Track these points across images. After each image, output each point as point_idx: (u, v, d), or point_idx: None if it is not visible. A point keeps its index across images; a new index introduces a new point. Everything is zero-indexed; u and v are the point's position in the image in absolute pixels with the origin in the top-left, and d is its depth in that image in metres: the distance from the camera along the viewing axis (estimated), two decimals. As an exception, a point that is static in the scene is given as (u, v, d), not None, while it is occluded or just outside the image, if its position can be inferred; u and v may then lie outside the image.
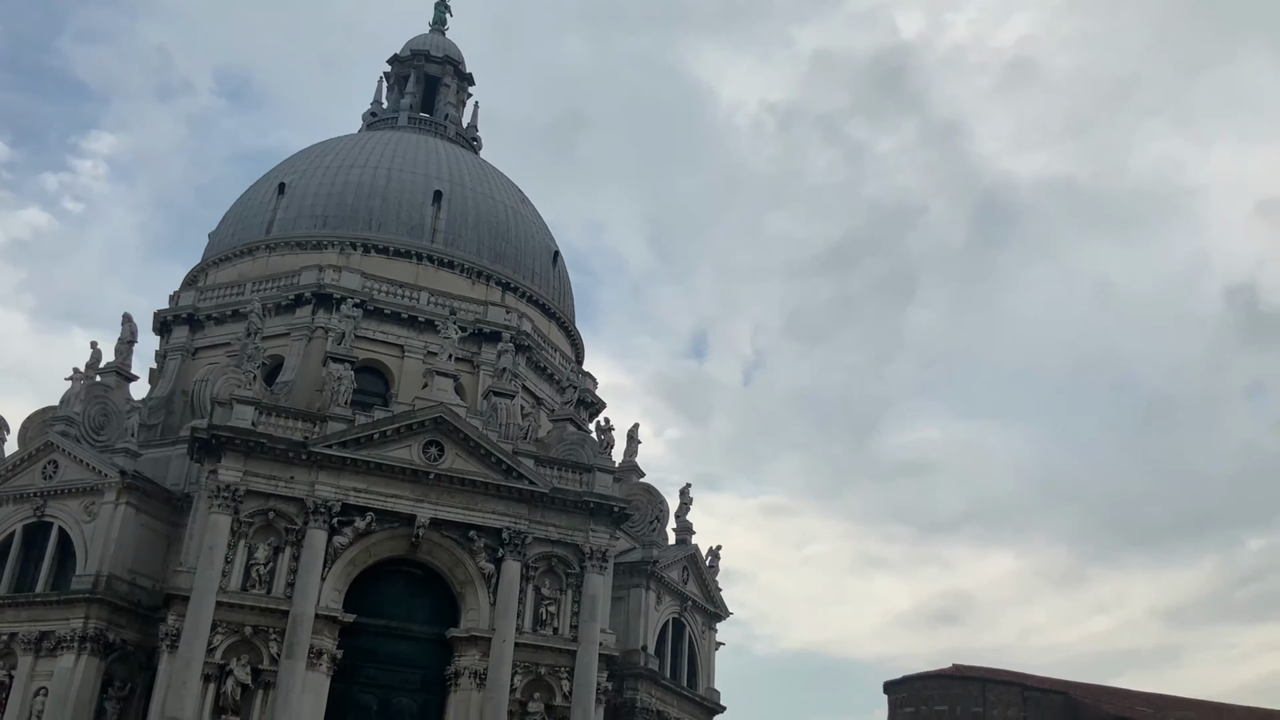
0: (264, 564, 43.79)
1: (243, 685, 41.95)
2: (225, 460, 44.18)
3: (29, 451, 48.38)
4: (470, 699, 44.86)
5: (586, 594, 47.60)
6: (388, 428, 46.69)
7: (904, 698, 73.77)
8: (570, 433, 56.68)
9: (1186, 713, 73.19)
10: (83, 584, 44.42)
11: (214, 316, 59.85)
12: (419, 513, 45.94)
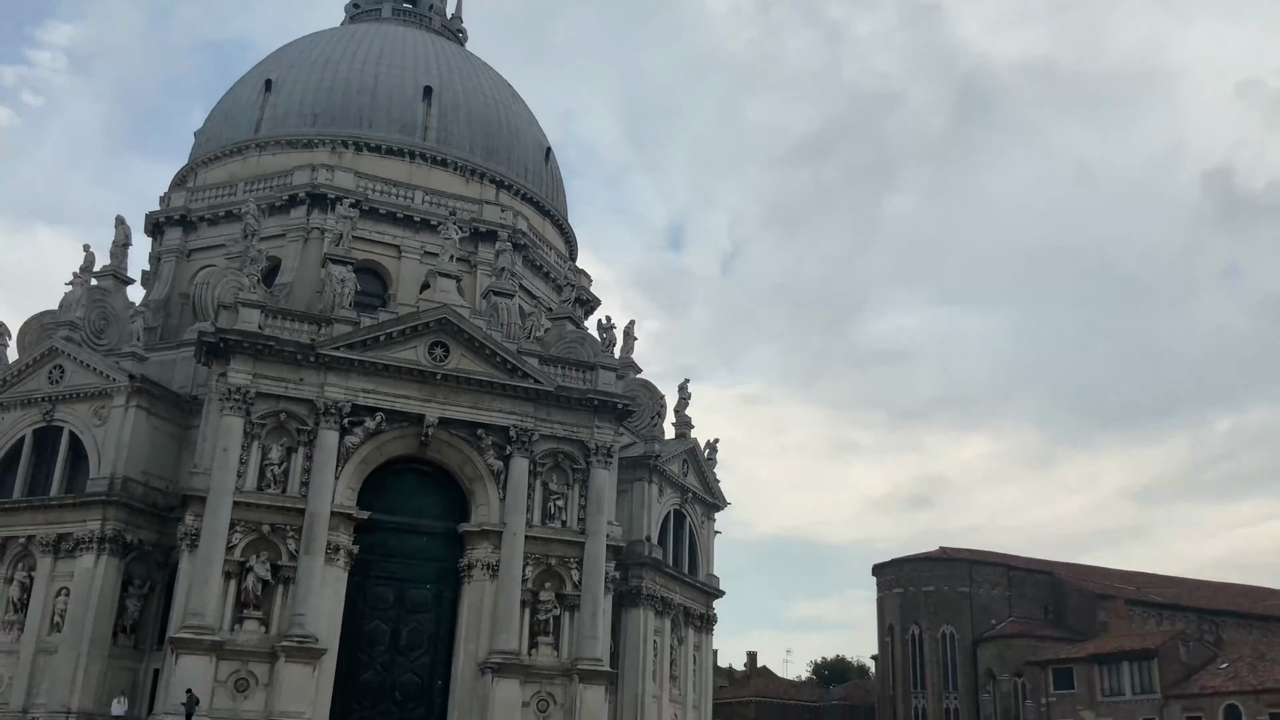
0: (278, 464, 44.48)
1: (263, 581, 42.98)
2: (234, 363, 44.47)
3: (34, 357, 48.51)
4: (484, 589, 46.21)
5: (593, 489, 48.69)
6: (393, 329, 46.99)
7: (892, 579, 76.16)
8: (570, 331, 57.24)
9: (1167, 589, 76.12)
10: (98, 486, 45.06)
11: (207, 218, 59.58)
12: (427, 412, 46.60)
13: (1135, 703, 58.88)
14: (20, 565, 45.91)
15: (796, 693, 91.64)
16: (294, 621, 42.49)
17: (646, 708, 50.99)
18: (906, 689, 72.30)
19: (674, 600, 55.09)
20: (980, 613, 72.10)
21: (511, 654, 45.16)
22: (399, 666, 45.81)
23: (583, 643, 46.56)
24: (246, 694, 41.45)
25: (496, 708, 44.17)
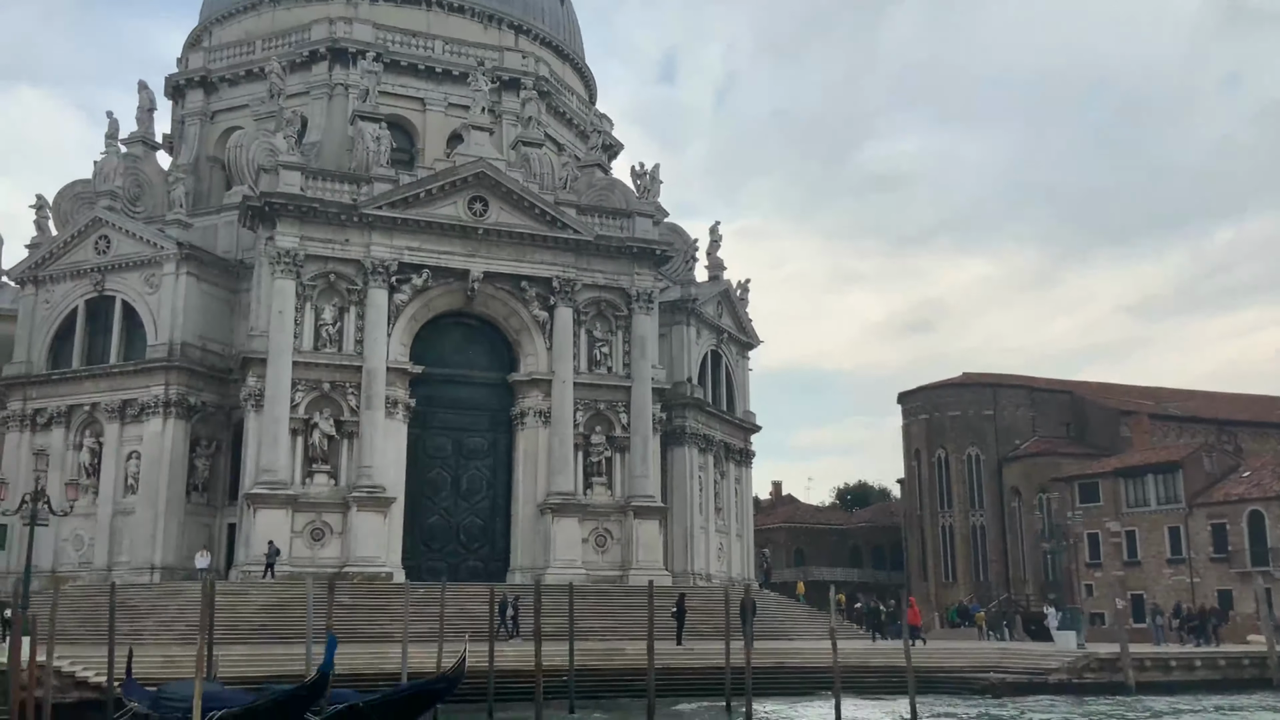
0: (332, 324, 45.54)
1: (328, 436, 44.63)
2: (280, 226, 45.01)
3: (78, 228, 48.96)
4: (537, 435, 47.90)
5: (636, 334, 49.83)
6: (432, 185, 47.28)
7: (918, 406, 78.08)
8: (599, 178, 57.36)
9: (1186, 402, 78.10)
10: (158, 353, 46.22)
11: (227, 78, 58.96)
12: (471, 267, 47.34)
13: (1160, 512, 61.35)
14: (87, 432, 47.47)
15: (823, 517, 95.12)
16: (361, 473, 44.33)
17: (695, 539, 53.35)
18: (934, 509, 75.17)
19: (715, 437, 56.92)
20: (1004, 434, 74.34)
21: (568, 494, 47.17)
22: (461, 510, 47.91)
23: (634, 481, 48.51)
24: (323, 542, 43.64)
25: (558, 544, 46.43)
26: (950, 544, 74.85)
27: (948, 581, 73.93)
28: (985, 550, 73.59)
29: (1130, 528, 63.14)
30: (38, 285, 49.52)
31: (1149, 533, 62.22)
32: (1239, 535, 57.71)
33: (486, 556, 47.76)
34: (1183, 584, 59.34)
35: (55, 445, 47.43)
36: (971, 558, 73.90)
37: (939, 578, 74.58)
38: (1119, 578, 62.97)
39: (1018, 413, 75.70)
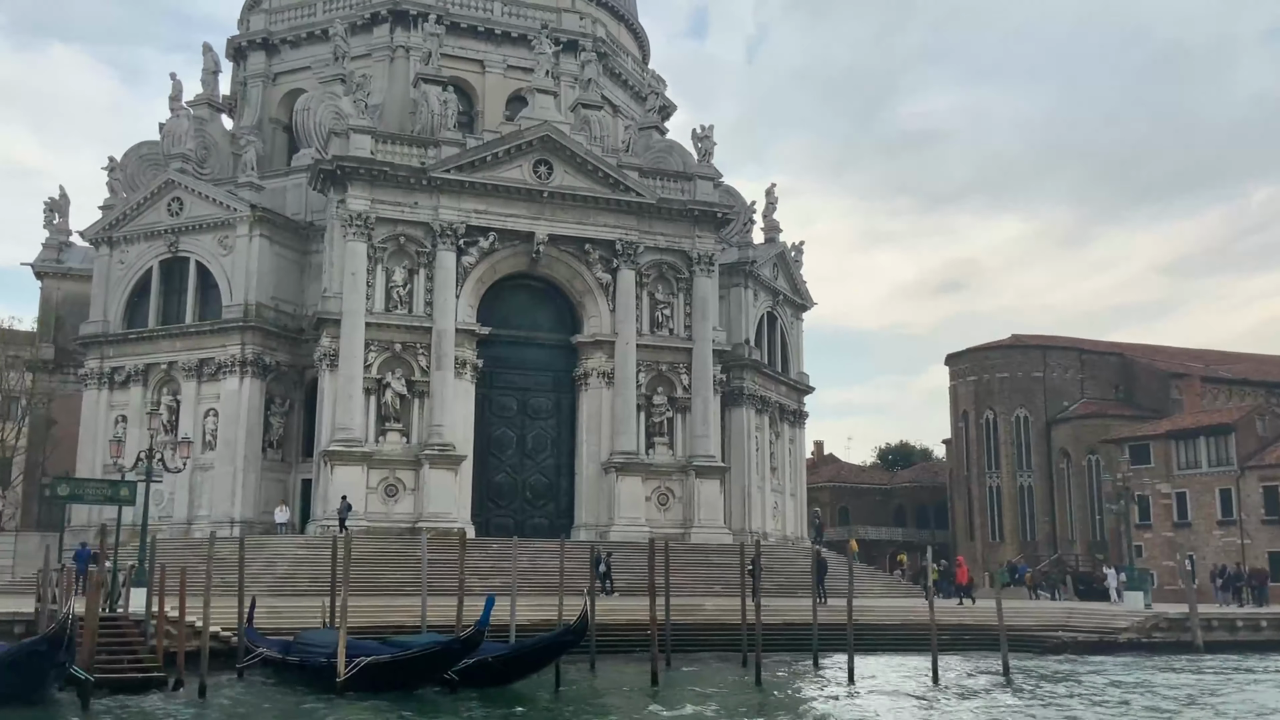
0: (402, 286, 46.47)
1: (400, 396, 45.73)
2: (352, 190, 45.86)
3: (151, 190, 49.97)
4: (601, 396, 48.82)
5: (697, 296, 50.50)
6: (498, 149, 47.92)
7: (965, 368, 78.30)
8: (657, 140, 57.77)
9: (1234, 365, 77.97)
10: (233, 313, 47.32)
11: (289, 40, 59.62)
12: (536, 230, 48.07)
13: (1212, 475, 61.65)
14: (165, 390, 48.76)
15: (866, 477, 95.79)
16: (433, 431, 45.44)
17: (752, 497, 54.27)
18: (981, 469, 75.70)
19: (770, 398, 57.65)
20: (1053, 395, 74.54)
21: (632, 454, 48.13)
22: (526, 468, 49.02)
23: (695, 441, 49.40)
24: (396, 498, 44.86)
25: (623, 502, 47.49)
26: (997, 504, 75.43)
27: (995, 541, 74.58)
28: (1033, 511, 74.13)
29: (1181, 489, 63.52)
30: (112, 246, 50.65)
31: (1200, 494, 62.59)
32: (1291, 498, 58.08)
33: (551, 513, 48.87)
34: (1233, 545, 59.76)
35: (134, 403, 48.78)
36: (1019, 518, 74.48)
37: (986, 538, 75.24)
38: (1169, 539, 63.46)
39: (1066, 374, 75.86)
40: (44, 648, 19.16)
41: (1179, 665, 29.64)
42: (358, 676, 21.15)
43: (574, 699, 22.48)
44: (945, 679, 25.90)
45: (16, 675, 19.26)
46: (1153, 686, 25.54)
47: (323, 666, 21.94)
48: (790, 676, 26.57)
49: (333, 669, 21.24)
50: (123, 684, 21.34)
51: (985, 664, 28.84)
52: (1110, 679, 27.00)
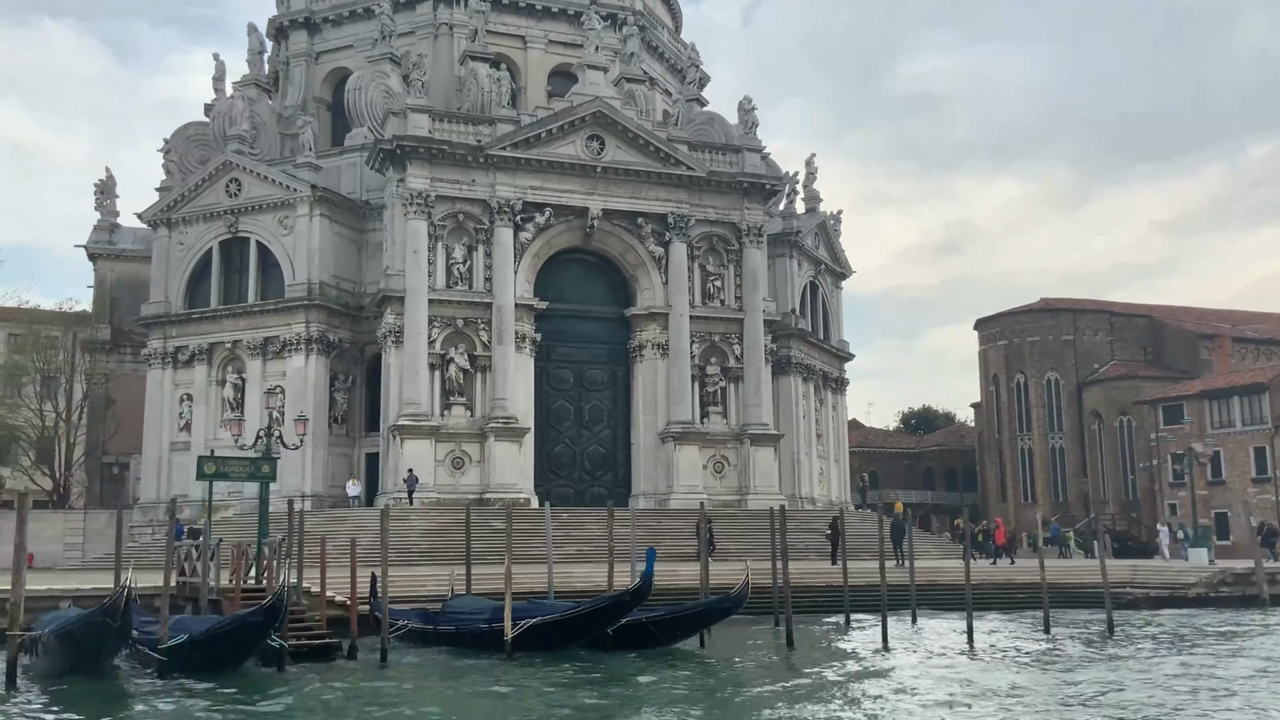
0: (462, 262, 47.35)
1: (463, 370, 46.71)
2: (411, 168, 46.61)
3: (209, 171, 50.70)
4: (656, 367, 49.80)
5: (747, 268, 51.35)
6: (552, 125, 48.61)
7: (995, 332, 79.25)
8: (698, 113, 58.24)
9: (1261, 325, 78.95)
10: (297, 292, 48.19)
11: (331, 19, 60.15)
12: (590, 204, 48.87)
13: (1245, 433, 62.74)
14: (229, 368, 49.73)
15: (893, 441, 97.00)
16: (496, 405, 46.46)
17: (801, 464, 55.38)
18: (1012, 433, 76.82)
19: (815, 366, 58.63)
20: (1083, 358, 75.46)
21: (688, 423, 49.18)
22: (584, 439, 50.09)
23: (748, 410, 50.42)
24: (463, 471, 45.93)
25: (681, 470, 48.60)
26: (1030, 466, 76.61)
27: (1026, 502, 75.75)
28: (1065, 472, 75.30)
29: (1216, 448, 64.61)
30: (170, 227, 51.43)
31: (1234, 453, 63.71)
32: (1326, 455, 59.21)
33: (609, 482, 49.95)
34: (1268, 502, 60.87)
35: (198, 381, 49.77)
36: (1050, 479, 75.66)
37: (1018, 499, 76.45)
38: (1203, 497, 64.55)
39: (1096, 337, 76.80)
40: (260, 619, 20.20)
41: (1257, 618, 30.82)
42: (522, 637, 22.25)
43: (721, 658, 23.41)
44: (1055, 633, 27.04)
45: (229, 645, 20.31)
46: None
47: (483, 631, 23.08)
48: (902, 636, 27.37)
49: (494, 633, 22.40)
50: (308, 653, 22.32)
51: (1074, 617, 29.97)
52: (1220, 630, 28.17)
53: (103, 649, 20.26)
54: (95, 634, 19.67)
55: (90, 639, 19.81)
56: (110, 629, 19.43)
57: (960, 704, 17.67)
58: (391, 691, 19.12)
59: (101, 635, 19.64)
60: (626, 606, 23.15)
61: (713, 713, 17.47)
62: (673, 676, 20.70)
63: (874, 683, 20.12)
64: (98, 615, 19.71)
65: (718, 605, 24.65)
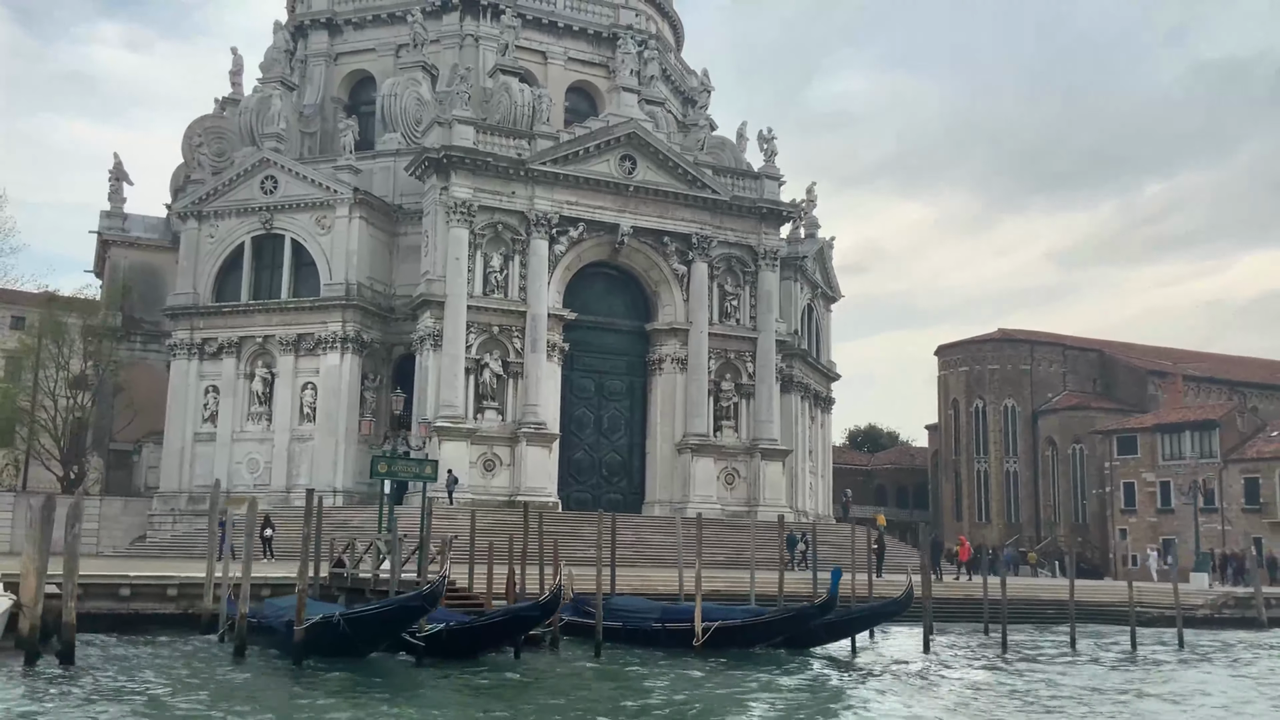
0: (499, 271, 48.96)
1: (497, 376, 48.32)
2: (455, 178, 48.08)
3: (244, 168, 51.37)
4: (675, 380, 51.99)
5: (762, 289, 53.89)
6: (589, 144, 50.53)
7: (957, 359, 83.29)
8: (709, 137, 60.69)
9: (1200, 364, 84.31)
10: (334, 291, 49.19)
11: (353, 21, 61.16)
12: (621, 221, 50.91)
13: (1195, 465, 67.36)
14: (259, 362, 50.45)
15: (846, 458, 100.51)
16: (527, 411, 48.15)
17: (800, 479, 58.09)
18: (970, 455, 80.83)
19: (811, 385, 61.44)
20: (1038, 386, 79.83)
21: (704, 436, 51.48)
22: (603, 447, 52.04)
23: (759, 426, 52.91)
24: (494, 473, 47.51)
25: (697, 480, 50.88)
26: (985, 488, 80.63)
27: (981, 522, 79.73)
28: (1018, 494, 79.48)
29: (1166, 479, 69.16)
30: (200, 220, 51.95)
31: (1184, 484, 68.22)
32: (1271, 489, 63.95)
33: (625, 489, 52.00)
34: (1214, 531, 65.50)
35: (226, 374, 50.39)
36: (1004, 501, 79.77)
37: (973, 518, 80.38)
38: (1153, 524, 69.13)
39: (1050, 368, 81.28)
40: (536, 613, 21.96)
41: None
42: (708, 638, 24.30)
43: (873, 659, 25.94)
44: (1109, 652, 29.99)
45: (492, 635, 22.00)
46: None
47: (656, 630, 25.00)
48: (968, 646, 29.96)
49: (668, 632, 24.37)
50: (529, 642, 24.07)
51: (1118, 635, 33.02)
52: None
53: (396, 633, 21.75)
54: (404, 619, 21.16)
55: (398, 623, 21.27)
56: (423, 614, 20.97)
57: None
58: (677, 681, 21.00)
59: (407, 620, 21.14)
60: (813, 617, 25.31)
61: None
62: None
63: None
64: (415, 601, 21.19)
65: (886, 609, 27.00)
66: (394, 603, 21.52)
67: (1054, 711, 19.08)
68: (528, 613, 22.34)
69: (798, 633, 25.33)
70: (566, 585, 24.53)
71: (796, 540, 41.78)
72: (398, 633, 21.70)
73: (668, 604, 26.39)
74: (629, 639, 25.33)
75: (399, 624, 21.43)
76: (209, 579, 25.45)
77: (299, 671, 20.34)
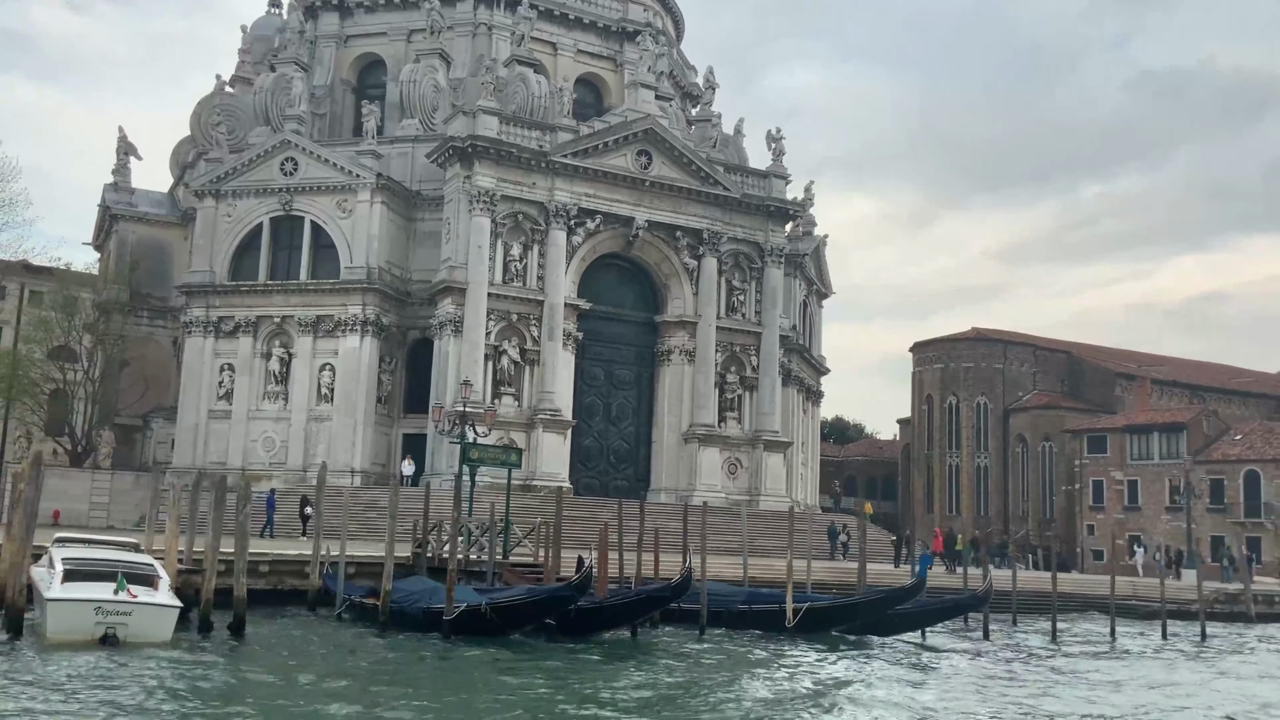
0: (518, 260, 49.98)
1: (514, 362, 49.40)
2: (479, 167, 48.97)
3: (264, 149, 51.78)
4: (682, 372, 53.42)
5: (767, 285, 55.47)
6: (608, 138, 51.66)
7: (932, 356, 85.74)
8: (714, 132, 61.88)
9: (1162, 367, 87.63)
10: (355, 275, 49.88)
11: (364, 4, 61.47)
12: (636, 215, 52.14)
13: (1163, 466, 70.36)
14: (276, 342, 50.98)
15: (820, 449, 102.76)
16: (543, 397, 49.31)
17: (795, 470, 59.86)
18: (943, 449, 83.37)
19: (805, 380, 63.24)
20: (1009, 385, 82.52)
21: (710, 426, 53.00)
22: (611, 434, 53.36)
23: (761, 418, 54.55)
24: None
25: (703, 469, 52.40)
26: (956, 481, 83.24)
27: (951, 514, 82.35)
28: (988, 488, 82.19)
29: (1134, 478, 72.10)
30: (218, 199, 52.26)
31: (1151, 483, 71.27)
32: (1235, 490, 67.06)
33: (631, 477, 53.38)
34: (1179, 529, 68.47)
35: (242, 353, 50.87)
36: (975, 494, 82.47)
37: (944, 510, 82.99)
38: (1120, 520, 72.05)
39: (1022, 368, 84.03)
40: (668, 594, 23.30)
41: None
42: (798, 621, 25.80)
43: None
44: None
45: (636, 613, 23.38)
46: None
47: (740, 613, 26.55)
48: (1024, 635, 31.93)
49: (754, 614, 25.88)
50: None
51: (1145, 628, 35.19)
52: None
53: (541, 618, 23.01)
54: (552, 606, 22.40)
55: (545, 610, 22.51)
56: (571, 603, 22.25)
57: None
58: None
59: (554, 607, 22.40)
60: (901, 600, 26.94)
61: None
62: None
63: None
64: (565, 590, 22.55)
65: (969, 601, 28.80)
66: (544, 591, 22.77)
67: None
68: (660, 594, 23.69)
69: (881, 618, 26.93)
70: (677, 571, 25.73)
71: (837, 532, 43.48)
72: (543, 618, 23.04)
73: (751, 588, 27.82)
74: (714, 620, 26.78)
75: (546, 611, 22.80)
76: (315, 557, 26.42)
77: (456, 649, 21.59)
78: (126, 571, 19.80)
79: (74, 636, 18.60)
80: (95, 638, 18.68)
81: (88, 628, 18.75)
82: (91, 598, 18.97)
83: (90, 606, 18.81)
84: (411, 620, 23.15)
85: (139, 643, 18.80)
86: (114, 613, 18.81)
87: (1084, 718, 18.02)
